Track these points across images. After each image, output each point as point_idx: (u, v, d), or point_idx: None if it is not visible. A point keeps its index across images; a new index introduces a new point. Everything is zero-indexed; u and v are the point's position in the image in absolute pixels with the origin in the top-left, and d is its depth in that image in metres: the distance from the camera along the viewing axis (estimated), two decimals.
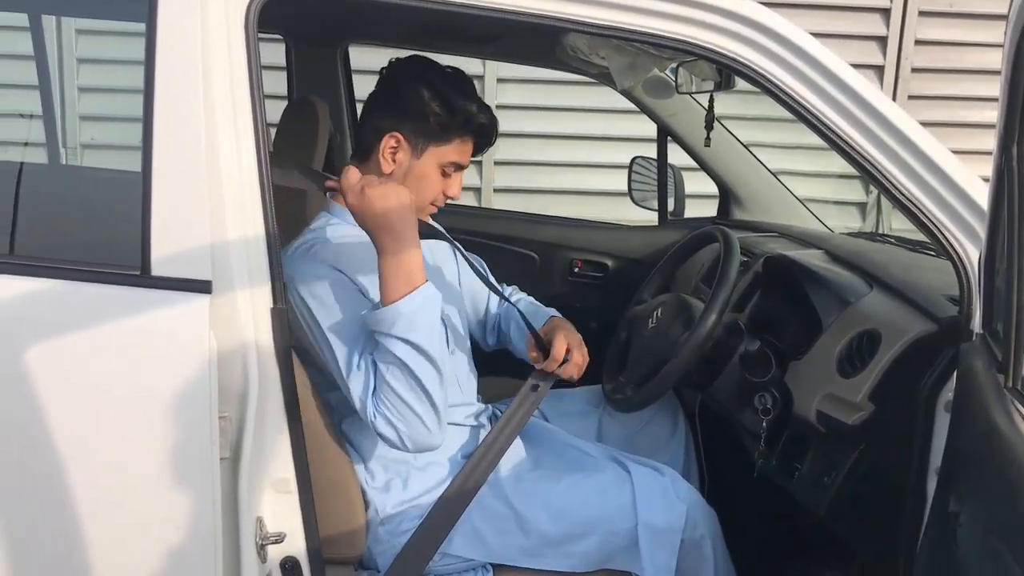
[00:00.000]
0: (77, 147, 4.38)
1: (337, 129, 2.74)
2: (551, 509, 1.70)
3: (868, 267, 1.87)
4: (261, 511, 1.46)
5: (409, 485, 1.69)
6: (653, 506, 1.69)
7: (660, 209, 2.83)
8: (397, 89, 1.67)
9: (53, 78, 3.98)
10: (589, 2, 1.43)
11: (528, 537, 1.68)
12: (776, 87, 1.46)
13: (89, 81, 4.43)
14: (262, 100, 1.42)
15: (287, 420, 1.45)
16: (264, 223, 1.41)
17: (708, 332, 1.75)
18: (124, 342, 1.36)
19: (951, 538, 1.10)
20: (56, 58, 4.19)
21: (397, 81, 1.69)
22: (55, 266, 1.38)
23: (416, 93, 1.65)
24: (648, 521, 1.68)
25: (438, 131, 1.66)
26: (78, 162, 4.25)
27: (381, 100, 1.70)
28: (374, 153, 1.67)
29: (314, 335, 1.58)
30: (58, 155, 2.78)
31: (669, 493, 1.72)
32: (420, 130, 1.65)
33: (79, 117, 4.43)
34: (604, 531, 1.69)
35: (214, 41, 1.38)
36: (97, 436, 1.37)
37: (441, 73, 1.69)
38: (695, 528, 1.71)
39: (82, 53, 4.39)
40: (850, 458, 1.60)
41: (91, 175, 3.12)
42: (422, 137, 1.66)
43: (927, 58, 4.74)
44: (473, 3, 1.44)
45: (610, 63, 2.17)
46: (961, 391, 1.30)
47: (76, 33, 4.34)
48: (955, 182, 1.43)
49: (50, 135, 2.61)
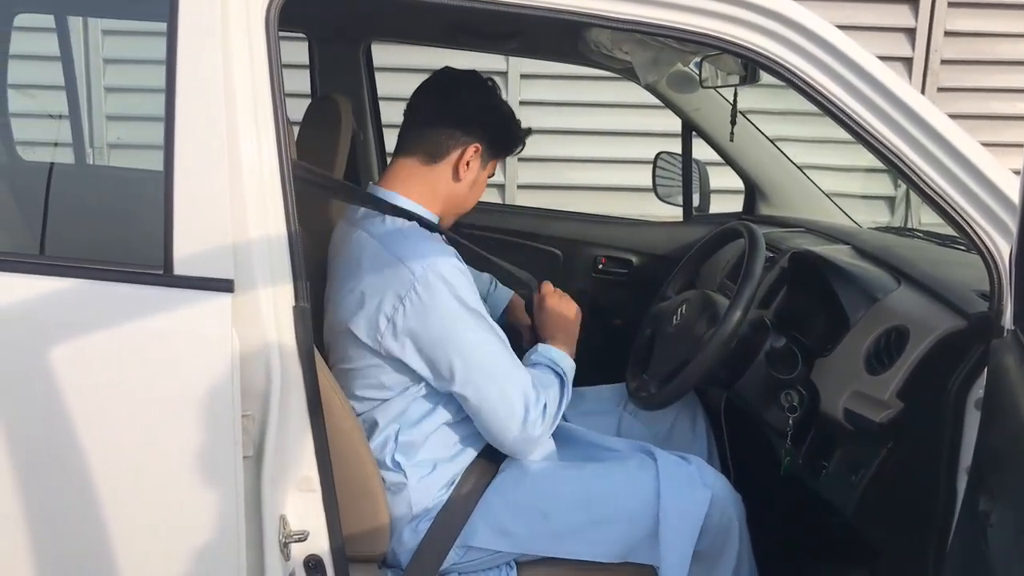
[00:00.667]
0: (104, 147, 4.41)
1: (360, 127, 2.74)
2: (575, 496, 1.70)
3: (896, 262, 1.85)
4: (284, 509, 1.46)
5: (432, 482, 1.70)
6: (678, 491, 1.69)
7: (685, 205, 2.80)
8: (474, 102, 1.76)
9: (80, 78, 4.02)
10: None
11: (551, 523, 1.68)
12: (801, 80, 1.44)
13: (115, 81, 4.47)
14: (283, 98, 1.42)
15: (310, 418, 1.45)
16: (286, 221, 1.41)
17: (733, 329, 1.73)
18: (147, 342, 1.36)
19: (982, 538, 1.08)
20: (83, 59, 4.22)
21: (472, 95, 1.77)
22: (79, 266, 1.39)
23: (501, 111, 1.79)
24: (670, 505, 1.67)
25: (506, 148, 1.82)
26: (105, 161, 4.28)
27: (456, 111, 1.75)
28: (447, 158, 1.74)
29: (444, 323, 1.61)
30: (84, 155, 2.80)
31: (695, 479, 1.72)
32: (496, 144, 1.79)
33: (106, 117, 4.47)
34: (627, 518, 1.68)
35: (234, 40, 1.38)
36: (120, 435, 1.38)
37: (498, 91, 1.82)
38: (722, 513, 1.70)
39: (108, 53, 4.43)
40: (878, 457, 1.58)
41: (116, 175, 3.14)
42: (493, 150, 1.79)
43: (957, 50, 4.67)
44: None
45: (633, 58, 2.15)
46: (992, 388, 1.27)
47: (102, 34, 4.38)
48: (985, 175, 1.40)
49: (76, 135, 2.63)
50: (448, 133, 1.73)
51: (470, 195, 1.80)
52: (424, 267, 1.61)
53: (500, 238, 2.72)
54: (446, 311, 1.61)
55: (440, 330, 1.61)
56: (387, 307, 1.61)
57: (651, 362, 2.00)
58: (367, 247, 1.68)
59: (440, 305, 1.60)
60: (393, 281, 1.61)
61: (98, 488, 1.37)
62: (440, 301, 1.60)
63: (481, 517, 1.68)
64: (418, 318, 1.60)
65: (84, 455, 1.36)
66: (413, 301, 1.59)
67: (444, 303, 1.61)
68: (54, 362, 1.34)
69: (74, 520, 1.39)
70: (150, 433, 1.38)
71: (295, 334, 1.42)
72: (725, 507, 1.71)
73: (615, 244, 2.83)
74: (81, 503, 1.37)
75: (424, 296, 1.59)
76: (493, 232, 2.70)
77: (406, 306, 1.60)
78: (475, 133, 1.74)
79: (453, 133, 1.73)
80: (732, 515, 1.72)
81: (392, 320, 1.61)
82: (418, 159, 1.75)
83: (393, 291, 1.61)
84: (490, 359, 1.65)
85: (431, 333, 1.61)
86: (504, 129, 1.80)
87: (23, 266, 1.39)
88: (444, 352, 1.62)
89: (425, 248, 1.65)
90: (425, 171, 1.74)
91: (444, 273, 1.62)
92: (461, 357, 1.62)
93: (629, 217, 3.07)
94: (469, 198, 1.81)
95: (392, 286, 1.61)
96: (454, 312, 1.61)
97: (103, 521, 1.38)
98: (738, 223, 1.99)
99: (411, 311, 1.60)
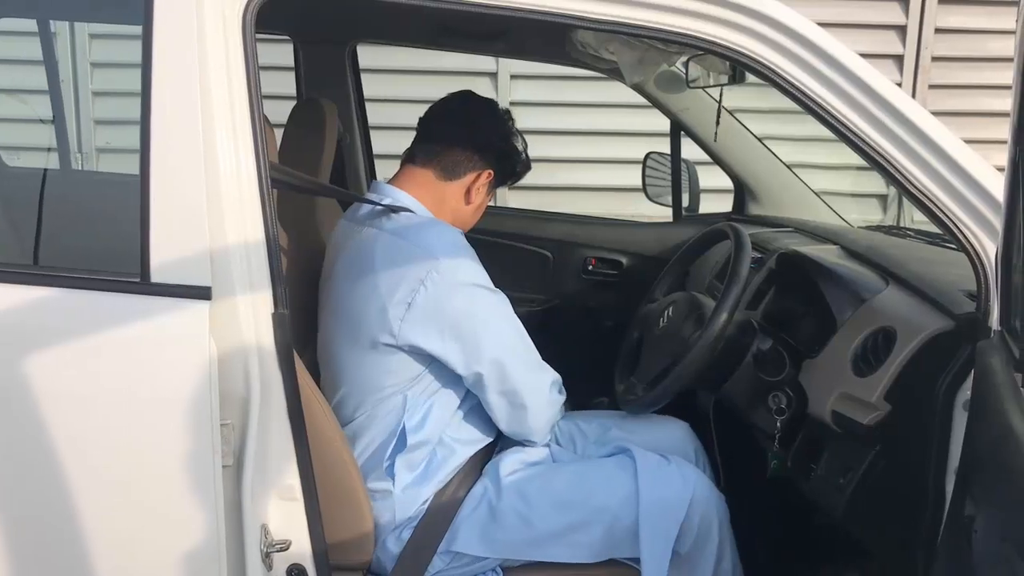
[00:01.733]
0: (92, 151, 4.39)
1: (347, 129, 2.72)
2: (555, 500, 1.70)
3: (884, 262, 1.84)
4: (266, 518, 1.44)
5: (417, 490, 1.68)
6: (657, 487, 1.70)
7: (674, 205, 2.79)
8: (496, 132, 1.83)
9: (68, 83, 4.00)
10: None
11: (533, 529, 1.68)
12: (784, 80, 1.42)
13: (103, 86, 4.44)
14: (260, 102, 1.40)
15: (291, 426, 1.43)
16: (264, 227, 1.40)
17: (719, 331, 1.72)
18: (123, 351, 1.35)
19: (967, 544, 1.07)
20: (70, 63, 4.20)
21: (494, 124, 1.84)
22: (54, 275, 1.38)
23: (509, 141, 1.85)
24: (650, 500, 1.68)
25: (512, 178, 1.90)
26: (94, 167, 4.26)
27: (478, 137, 1.80)
28: (462, 179, 1.80)
29: (464, 313, 1.64)
30: (69, 160, 2.78)
31: (675, 475, 1.72)
32: (504, 172, 1.86)
33: (94, 121, 4.44)
34: (608, 517, 1.68)
35: (211, 43, 1.36)
36: (97, 446, 1.36)
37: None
38: (704, 513, 1.70)
39: (96, 57, 4.41)
40: (866, 459, 1.56)
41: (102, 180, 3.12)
42: (501, 178, 1.86)
43: (947, 46, 4.66)
44: (480, 1, 1.42)
45: (619, 58, 2.14)
46: (978, 391, 1.26)
47: (89, 37, 4.36)
48: (970, 174, 1.39)
49: (61, 140, 2.61)
50: (467, 156, 1.79)
51: (472, 217, 1.86)
52: (445, 248, 1.66)
53: (490, 240, 2.70)
54: (470, 286, 1.66)
55: (466, 303, 1.65)
56: (406, 292, 1.62)
57: (639, 365, 1.98)
58: (379, 241, 1.69)
59: (464, 280, 1.65)
60: (412, 267, 1.64)
61: (75, 499, 1.35)
62: (464, 276, 1.65)
63: (463, 523, 1.67)
64: (441, 295, 1.62)
65: (61, 466, 1.34)
66: (435, 280, 1.62)
67: (468, 278, 1.66)
68: (29, 373, 1.33)
69: (51, 532, 1.37)
70: (127, 443, 1.36)
71: (274, 340, 1.40)
72: (707, 507, 1.70)
73: (605, 245, 2.82)
74: (58, 514, 1.36)
75: (448, 273, 1.63)
76: (482, 234, 2.68)
77: (427, 286, 1.62)
78: (490, 160, 1.81)
79: (472, 157, 1.79)
80: (713, 515, 1.71)
81: (412, 304, 1.62)
82: (434, 173, 1.79)
83: (413, 275, 1.63)
84: (515, 334, 1.71)
85: (456, 306, 1.64)
86: (514, 161, 1.87)
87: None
88: (471, 326, 1.65)
89: (444, 234, 1.70)
90: (439, 185, 1.79)
91: (465, 255, 1.68)
92: (488, 330, 1.66)
93: (619, 218, 3.06)
94: (471, 220, 1.86)
95: (412, 271, 1.63)
96: (477, 289, 1.66)
97: (81, 532, 1.36)
98: (725, 224, 1.98)
99: (433, 290, 1.62)
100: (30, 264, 1.46)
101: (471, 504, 1.69)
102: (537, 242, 2.82)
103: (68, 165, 2.76)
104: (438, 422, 1.70)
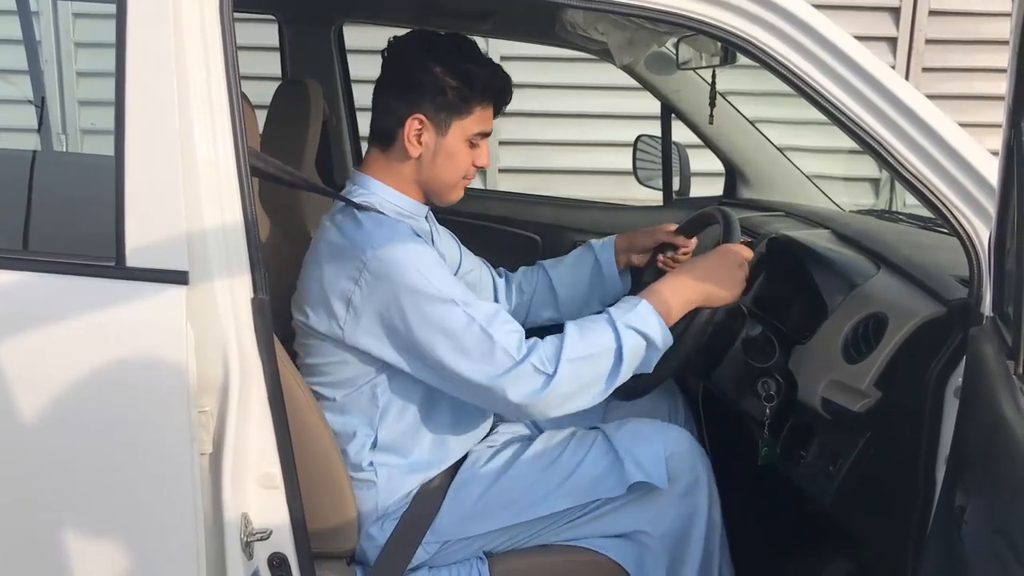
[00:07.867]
0: (76, 132, 4.34)
1: (332, 111, 2.69)
2: (535, 469, 1.68)
3: (876, 247, 1.81)
4: (246, 507, 1.41)
5: (401, 480, 1.66)
6: (631, 431, 1.70)
7: (665, 188, 2.77)
8: (408, 69, 1.62)
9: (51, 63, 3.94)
10: None
11: (519, 504, 1.65)
12: (775, 61, 1.39)
13: (87, 66, 4.39)
14: (238, 83, 1.37)
15: (271, 413, 1.41)
16: (242, 210, 1.37)
17: (707, 317, 1.69)
18: (98, 336, 1.32)
19: (956, 534, 1.05)
20: (53, 43, 4.14)
21: (405, 60, 1.63)
22: (26, 258, 1.35)
23: (429, 70, 1.60)
24: (626, 438, 1.68)
25: (459, 104, 1.61)
26: (79, 148, 4.22)
27: (393, 83, 1.64)
28: (398, 139, 1.63)
29: (413, 298, 1.51)
30: (50, 142, 2.74)
31: (648, 425, 1.73)
32: (441, 106, 1.60)
33: (78, 102, 4.39)
34: (588, 462, 1.67)
35: (187, 22, 1.33)
36: (72, 434, 1.34)
37: (447, 43, 1.64)
38: (690, 465, 1.67)
39: (79, 37, 4.35)
40: (856, 446, 1.55)
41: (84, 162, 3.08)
42: (444, 113, 1.61)
43: (941, 29, 4.64)
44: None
45: (608, 39, 2.10)
46: (969, 378, 1.24)
47: (73, 17, 4.30)
48: (963, 157, 1.36)
49: (43, 121, 2.57)
50: (388, 111, 1.62)
51: (439, 169, 1.64)
52: (374, 248, 1.53)
53: (478, 224, 2.68)
54: (400, 287, 1.51)
55: (396, 308, 1.52)
56: (344, 291, 1.54)
57: None
58: (326, 234, 1.63)
59: (396, 280, 1.51)
60: (347, 265, 1.55)
61: (49, 487, 1.33)
62: (394, 278, 1.52)
63: (448, 512, 1.64)
64: (374, 298, 1.53)
65: (34, 455, 1.32)
66: (367, 280, 1.53)
67: (397, 279, 1.52)
68: (2, 359, 1.30)
69: (23, 519, 1.35)
70: (102, 430, 1.34)
71: (253, 326, 1.38)
72: (693, 459, 1.68)
73: (594, 229, 2.78)
74: (32, 503, 1.34)
75: (377, 274, 1.52)
76: (470, 218, 2.65)
77: (361, 287, 1.53)
78: (408, 103, 1.60)
79: (393, 109, 1.61)
80: (700, 468, 1.68)
81: (350, 304, 1.54)
82: (376, 147, 1.68)
83: (347, 275, 1.54)
84: (453, 325, 1.51)
85: (390, 313, 1.53)
86: (436, 87, 1.59)
87: None
88: (404, 331, 1.53)
89: (378, 231, 1.56)
90: (385, 158, 1.66)
91: (395, 252, 1.53)
92: (420, 333, 1.52)
93: (608, 201, 3.03)
94: (441, 172, 1.64)
95: (346, 270, 1.55)
96: (405, 291, 1.51)
97: (55, 521, 1.34)
98: (714, 208, 1.95)
99: (367, 290, 1.53)
100: (4, 248, 1.43)
101: (455, 491, 1.66)
102: (525, 226, 2.79)
103: (50, 146, 2.72)
104: (416, 414, 1.67)
